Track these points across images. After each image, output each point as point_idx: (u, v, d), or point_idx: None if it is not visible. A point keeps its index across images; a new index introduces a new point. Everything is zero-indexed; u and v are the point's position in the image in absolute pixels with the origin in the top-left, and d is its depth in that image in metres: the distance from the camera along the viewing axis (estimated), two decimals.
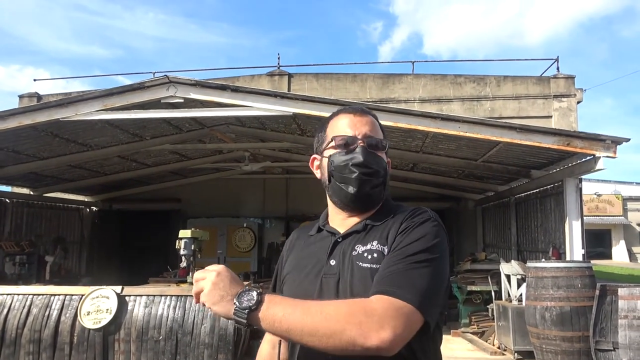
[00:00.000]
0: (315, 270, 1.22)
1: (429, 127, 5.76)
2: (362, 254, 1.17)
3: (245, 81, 11.10)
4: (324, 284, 1.18)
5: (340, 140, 1.24)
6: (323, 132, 1.31)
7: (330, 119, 1.32)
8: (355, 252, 1.19)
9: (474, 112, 10.59)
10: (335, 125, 1.29)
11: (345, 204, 1.25)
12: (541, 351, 5.19)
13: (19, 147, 7.35)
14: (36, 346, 5.21)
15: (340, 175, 1.23)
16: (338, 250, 1.21)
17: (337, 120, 1.29)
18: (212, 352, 5.07)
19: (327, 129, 1.30)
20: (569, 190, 6.02)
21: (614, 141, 5.40)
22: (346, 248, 1.21)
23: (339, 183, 1.24)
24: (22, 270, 8.25)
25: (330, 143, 1.26)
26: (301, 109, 5.88)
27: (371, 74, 11.20)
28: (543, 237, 7.35)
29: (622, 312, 4.46)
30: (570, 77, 10.70)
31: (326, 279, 1.18)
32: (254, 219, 12.06)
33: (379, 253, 1.15)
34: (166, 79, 5.94)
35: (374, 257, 1.15)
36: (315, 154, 1.34)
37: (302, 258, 1.28)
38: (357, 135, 1.24)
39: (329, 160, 1.26)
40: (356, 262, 1.16)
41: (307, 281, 1.21)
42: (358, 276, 1.14)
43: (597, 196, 28.26)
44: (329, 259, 1.21)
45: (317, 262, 1.23)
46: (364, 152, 1.22)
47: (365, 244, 1.19)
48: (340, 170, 1.23)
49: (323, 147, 1.29)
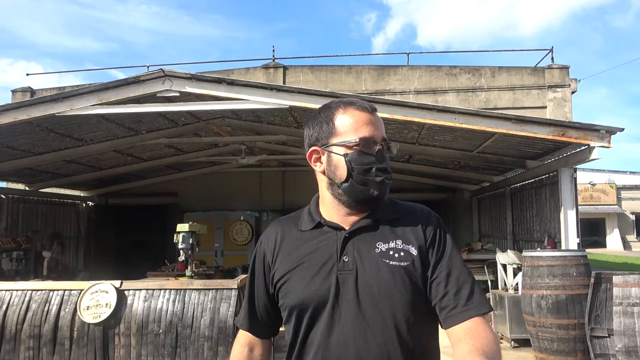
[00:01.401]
0: (327, 267, 1.18)
1: (425, 118, 5.77)
2: (387, 252, 1.18)
3: (240, 74, 11.06)
4: (341, 281, 1.16)
5: (364, 141, 1.19)
6: (329, 125, 1.23)
7: (335, 110, 1.24)
8: (377, 249, 1.18)
9: (469, 103, 10.62)
10: (348, 122, 1.21)
11: (361, 204, 1.22)
12: (537, 339, 5.26)
13: (13, 142, 7.32)
14: (36, 341, 5.23)
15: (363, 177, 1.19)
16: (350, 247, 1.19)
17: (349, 116, 1.22)
18: (212, 344, 5.11)
19: (336, 121, 1.22)
20: (564, 180, 6.07)
21: (608, 131, 5.43)
22: (360, 244, 1.19)
23: (359, 185, 1.19)
24: (19, 266, 8.24)
25: (350, 142, 1.19)
26: (297, 101, 5.88)
27: (366, 65, 11.19)
28: (538, 227, 7.41)
29: (617, 300, 4.52)
30: (564, 68, 10.73)
31: (342, 276, 1.16)
32: (250, 212, 12.09)
33: (406, 252, 1.18)
34: (161, 72, 5.92)
35: (401, 256, 1.18)
36: (314, 147, 1.25)
37: (305, 255, 1.22)
38: (377, 137, 1.22)
39: (347, 159, 1.19)
40: (382, 260, 1.17)
41: (319, 279, 1.18)
42: (386, 273, 1.15)
43: (591, 185, 28.44)
44: (341, 255, 1.18)
45: (327, 259, 1.19)
46: (384, 156, 1.22)
47: (387, 242, 1.19)
48: (363, 173, 1.19)
49: (332, 142, 1.22)
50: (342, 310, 1.15)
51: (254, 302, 1.34)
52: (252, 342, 1.36)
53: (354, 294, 1.15)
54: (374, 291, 1.14)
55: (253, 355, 1.35)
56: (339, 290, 1.16)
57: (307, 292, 1.18)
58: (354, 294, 1.15)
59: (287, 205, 11.52)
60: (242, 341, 1.37)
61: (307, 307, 1.17)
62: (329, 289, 1.16)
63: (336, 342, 1.14)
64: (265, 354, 1.37)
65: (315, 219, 1.26)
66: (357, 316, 1.14)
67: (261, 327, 1.35)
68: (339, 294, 1.15)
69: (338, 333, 1.14)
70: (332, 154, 1.22)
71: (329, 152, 1.23)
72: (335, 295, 1.15)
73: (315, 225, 1.25)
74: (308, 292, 1.17)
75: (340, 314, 1.15)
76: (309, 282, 1.19)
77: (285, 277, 1.22)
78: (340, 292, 1.15)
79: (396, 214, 1.25)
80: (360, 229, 1.22)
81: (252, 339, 1.36)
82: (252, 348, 1.35)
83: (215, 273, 7.03)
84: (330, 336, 1.15)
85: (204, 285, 5.43)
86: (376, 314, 1.14)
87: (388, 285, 1.14)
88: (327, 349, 1.15)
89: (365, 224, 1.22)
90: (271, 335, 1.38)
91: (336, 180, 1.22)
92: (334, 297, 1.16)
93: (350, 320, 1.14)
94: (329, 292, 1.16)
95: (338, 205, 1.24)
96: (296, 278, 1.21)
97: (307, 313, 1.18)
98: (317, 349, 1.16)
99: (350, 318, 1.14)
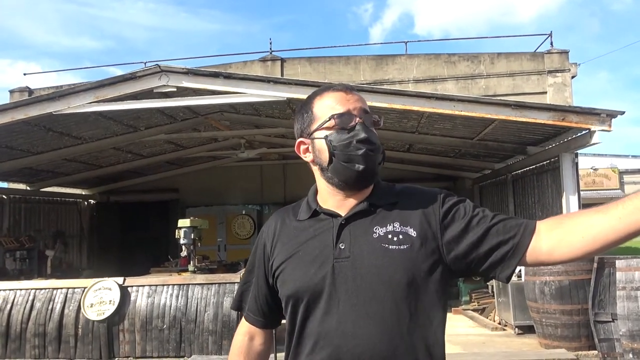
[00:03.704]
0: (323, 255, 1.16)
1: (424, 107, 5.74)
2: (386, 236, 1.14)
3: (238, 68, 11.01)
4: (337, 269, 1.14)
5: (339, 117, 1.18)
6: (309, 113, 1.23)
7: (313, 98, 1.25)
8: (375, 234, 1.15)
9: (469, 91, 10.56)
10: (325, 105, 1.21)
11: (350, 183, 1.19)
12: (541, 325, 5.26)
13: (12, 142, 7.31)
14: (41, 340, 5.25)
15: (344, 153, 1.17)
16: (347, 233, 1.17)
17: (325, 99, 1.22)
18: (217, 338, 5.12)
19: (314, 109, 1.23)
20: (565, 165, 6.04)
21: (608, 115, 5.39)
22: (357, 230, 1.17)
23: (343, 162, 1.17)
24: (23, 265, 8.27)
25: (326, 123, 1.19)
26: (295, 93, 5.85)
27: (364, 55, 11.13)
28: (541, 213, 7.39)
29: (620, 284, 4.51)
30: (564, 52, 10.65)
31: (339, 263, 1.14)
32: (252, 206, 12.09)
33: (405, 235, 1.14)
34: (158, 68, 5.89)
35: (400, 239, 1.14)
36: (301, 138, 1.25)
37: (301, 244, 1.20)
38: (354, 112, 1.19)
39: (327, 140, 1.18)
40: (381, 245, 1.13)
41: (314, 267, 1.15)
42: (385, 259, 1.12)
43: (593, 170, 28.35)
44: (337, 242, 1.16)
45: (323, 246, 1.17)
46: (365, 128, 1.18)
47: (384, 226, 1.16)
48: (344, 149, 1.17)
49: (313, 129, 1.22)
50: (339, 298, 1.12)
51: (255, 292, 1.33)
52: (252, 332, 1.35)
53: (352, 282, 1.12)
54: (373, 278, 1.11)
55: (253, 345, 1.34)
56: (335, 278, 1.13)
57: (302, 281, 1.15)
58: (352, 282, 1.12)
59: (289, 198, 11.50)
60: (242, 330, 1.36)
61: (303, 297, 1.15)
62: (325, 278, 1.14)
63: (334, 331, 1.11)
64: (265, 343, 1.36)
65: (312, 207, 1.25)
66: (355, 304, 1.11)
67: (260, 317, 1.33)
68: (335, 283, 1.13)
69: (336, 322, 1.11)
70: (315, 140, 1.22)
71: (312, 139, 1.22)
72: (332, 283, 1.13)
73: (312, 213, 1.24)
74: (303, 281, 1.15)
75: (338, 302, 1.12)
76: (304, 271, 1.16)
77: (282, 267, 1.21)
78: (337, 281, 1.13)
79: (394, 197, 1.22)
80: (356, 214, 1.19)
81: (253, 329, 1.35)
82: (253, 337, 1.35)
83: (218, 267, 7.05)
84: (328, 325, 1.12)
85: (206, 279, 5.44)
86: (375, 302, 1.11)
87: (388, 271, 1.10)
88: (325, 339, 1.12)
89: (362, 209, 1.19)
90: (271, 326, 1.36)
91: (324, 165, 1.21)
92: (330, 285, 1.13)
93: (348, 308, 1.11)
94: (324, 281, 1.13)
95: (332, 191, 1.22)
96: (292, 267, 1.19)
97: (302, 302, 1.15)
98: (316, 338, 1.13)
99: (349, 306, 1.11)
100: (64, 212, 10.83)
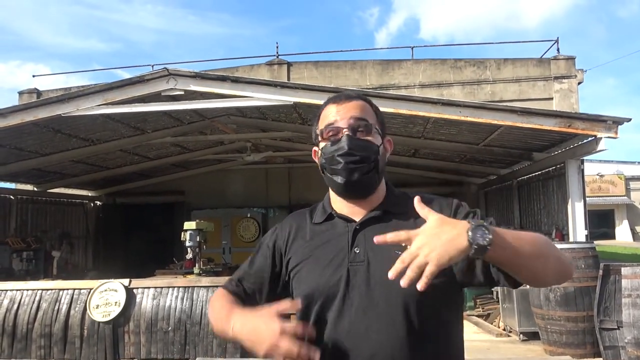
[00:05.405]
0: (338, 259, 1.18)
1: (430, 112, 5.75)
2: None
3: (245, 71, 11.06)
4: (352, 273, 1.15)
5: (326, 131, 1.23)
6: (316, 124, 1.30)
7: (321, 109, 1.31)
8: None
9: (475, 96, 10.55)
10: (324, 116, 1.27)
11: (339, 194, 1.24)
12: (546, 332, 5.25)
13: (21, 143, 7.38)
14: (47, 340, 5.28)
15: (330, 166, 1.22)
16: (361, 238, 1.19)
17: (325, 110, 1.28)
18: (221, 341, 5.13)
19: (319, 120, 1.29)
20: (571, 172, 6.03)
21: (615, 121, 5.39)
22: (371, 236, 1.15)
23: (330, 175, 1.23)
24: (29, 266, 8.33)
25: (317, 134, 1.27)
26: (302, 97, 5.88)
27: (370, 60, 11.15)
28: (546, 219, 7.38)
29: (626, 291, 4.49)
30: (570, 58, 10.63)
31: (353, 267, 1.16)
32: (257, 209, 12.11)
33: None
34: (166, 71, 5.94)
35: None
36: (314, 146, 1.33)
37: (317, 247, 1.22)
38: (341, 123, 1.22)
39: (321, 152, 1.25)
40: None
41: (330, 270, 1.17)
42: None
43: (599, 177, 28.22)
44: (352, 247, 1.18)
45: (338, 250, 1.19)
46: (349, 140, 1.20)
47: None
48: (329, 162, 1.22)
49: (317, 140, 1.29)
50: (353, 302, 1.14)
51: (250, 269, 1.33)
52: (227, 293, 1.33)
53: (365, 286, 1.13)
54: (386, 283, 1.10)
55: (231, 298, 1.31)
56: (350, 282, 1.15)
57: (318, 283, 1.17)
58: (365, 286, 1.13)
59: (294, 201, 11.53)
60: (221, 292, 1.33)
61: (318, 299, 1.16)
62: (340, 281, 1.15)
63: (346, 334, 1.13)
64: None
65: (327, 211, 1.27)
66: (368, 308, 1.12)
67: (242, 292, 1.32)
68: (349, 286, 1.14)
69: (349, 325, 1.13)
70: (317, 149, 1.29)
71: (318, 149, 1.29)
72: (346, 287, 1.14)
73: (327, 217, 1.26)
74: (319, 283, 1.17)
75: (351, 305, 1.14)
76: (319, 273, 1.18)
77: (298, 267, 1.23)
78: (351, 284, 1.14)
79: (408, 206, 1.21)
80: (370, 220, 1.21)
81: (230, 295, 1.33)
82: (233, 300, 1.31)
83: (223, 270, 7.06)
84: (341, 328, 1.13)
85: (212, 282, 5.45)
86: (388, 307, 1.12)
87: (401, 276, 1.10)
88: (337, 342, 1.13)
89: (375, 215, 1.22)
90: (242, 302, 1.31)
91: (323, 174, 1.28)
92: (344, 288, 1.15)
93: (361, 312, 1.13)
94: (339, 284, 1.15)
95: (338, 197, 1.27)
96: (307, 269, 1.21)
97: (316, 304, 1.17)
98: (327, 341, 1.14)
99: (362, 310, 1.13)
100: (70, 214, 10.89)
